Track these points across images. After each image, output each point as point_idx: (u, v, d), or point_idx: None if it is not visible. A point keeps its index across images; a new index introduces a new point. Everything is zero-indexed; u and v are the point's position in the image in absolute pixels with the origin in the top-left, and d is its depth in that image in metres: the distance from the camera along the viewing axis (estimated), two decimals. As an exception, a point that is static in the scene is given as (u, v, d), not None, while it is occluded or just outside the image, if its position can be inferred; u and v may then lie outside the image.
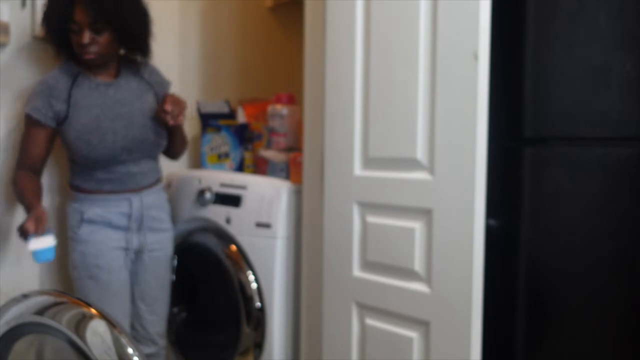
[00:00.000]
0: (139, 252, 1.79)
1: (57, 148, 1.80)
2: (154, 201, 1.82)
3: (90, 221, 1.72)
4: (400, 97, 1.32)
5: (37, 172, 1.70)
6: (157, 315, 1.86)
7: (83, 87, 1.69)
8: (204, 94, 2.36)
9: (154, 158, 1.84)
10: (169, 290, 1.91)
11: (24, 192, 1.62)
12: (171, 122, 1.68)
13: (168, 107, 1.65)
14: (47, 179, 1.92)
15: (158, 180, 1.86)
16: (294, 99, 2.00)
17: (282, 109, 1.96)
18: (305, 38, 1.67)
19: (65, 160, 1.83)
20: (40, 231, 1.49)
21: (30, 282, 1.92)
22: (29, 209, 1.57)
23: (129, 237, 1.75)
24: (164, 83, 1.88)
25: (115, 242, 1.73)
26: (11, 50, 1.81)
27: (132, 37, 1.70)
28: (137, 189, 1.77)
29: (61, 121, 1.67)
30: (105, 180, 1.72)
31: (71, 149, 1.70)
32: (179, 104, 1.69)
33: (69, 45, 1.66)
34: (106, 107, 1.70)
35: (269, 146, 2.01)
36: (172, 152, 1.91)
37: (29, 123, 1.67)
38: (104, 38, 1.63)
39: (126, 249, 1.75)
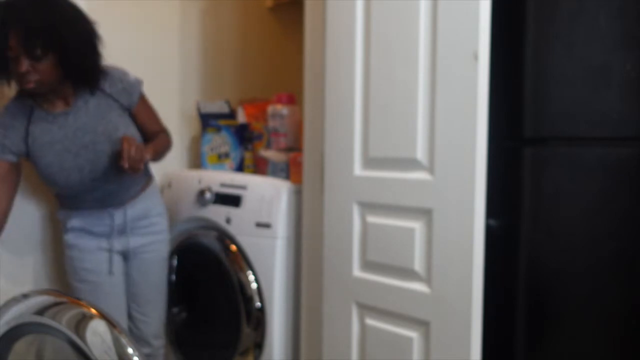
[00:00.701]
0: (126, 254, 1.78)
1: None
2: (140, 210, 1.77)
3: (73, 230, 1.72)
4: (400, 97, 1.32)
5: None
6: (149, 317, 1.85)
7: (40, 122, 1.59)
8: (204, 94, 2.36)
9: (127, 178, 1.71)
10: (164, 292, 1.89)
11: None
12: (130, 172, 1.55)
13: (125, 164, 1.50)
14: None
15: (145, 186, 1.80)
16: (294, 99, 2.00)
17: (282, 109, 1.96)
18: (305, 38, 1.67)
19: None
20: None
21: (26, 283, 1.92)
22: None
23: (111, 241, 1.74)
24: (131, 87, 1.70)
25: (99, 244, 1.73)
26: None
27: (76, 62, 1.52)
28: (120, 204, 1.73)
29: (26, 156, 1.61)
30: (84, 201, 1.70)
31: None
32: (136, 158, 1.53)
33: (6, 77, 1.51)
34: (68, 140, 1.59)
35: (269, 146, 2.01)
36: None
37: None
38: (44, 65, 1.46)
39: (109, 250, 1.74)
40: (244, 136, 2.10)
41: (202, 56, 2.38)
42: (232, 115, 2.20)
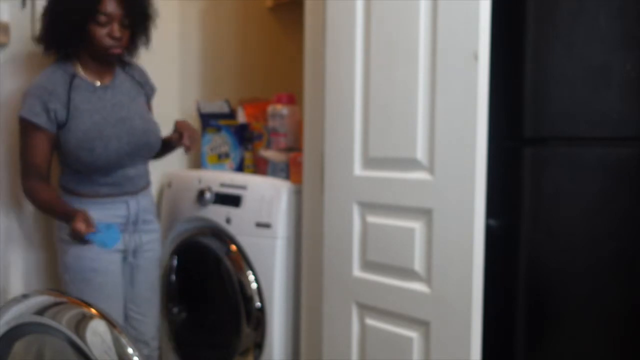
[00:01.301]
0: (134, 253, 1.77)
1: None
2: (147, 203, 1.81)
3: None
4: (400, 97, 1.32)
5: (46, 179, 1.65)
6: (148, 317, 1.84)
7: (80, 90, 1.65)
8: (204, 94, 2.36)
9: (149, 160, 1.83)
10: (159, 292, 1.90)
11: (51, 203, 1.61)
12: (187, 151, 1.77)
13: (187, 141, 1.72)
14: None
15: (149, 182, 1.86)
16: (294, 99, 2.00)
17: (282, 109, 1.96)
18: (305, 38, 1.67)
19: (56, 161, 1.77)
20: (92, 229, 1.50)
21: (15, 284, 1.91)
22: (67, 215, 1.55)
23: (126, 238, 1.73)
24: (152, 83, 1.87)
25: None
26: (11, 50, 1.81)
27: (143, 37, 1.73)
28: (134, 192, 1.75)
29: (60, 126, 1.61)
30: (103, 184, 1.69)
31: (71, 156, 1.64)
32: (196, 137, 1.78)
33: (76, 41, 1.62)
34: (106, 111, 1.66)
35: (269, 146, 2.01)
36: (161, 156, 1.91)
37: (29, 129, 1.60)
38: (127, 34, 1.65)
39: (124, 251, 1.74)
40: (244, 136, 2.10)
41: (202, 56, 2.38)
42: (232, 115, 2.20)
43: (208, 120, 2.16)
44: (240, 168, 2.10)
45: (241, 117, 2.16)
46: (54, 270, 1.83)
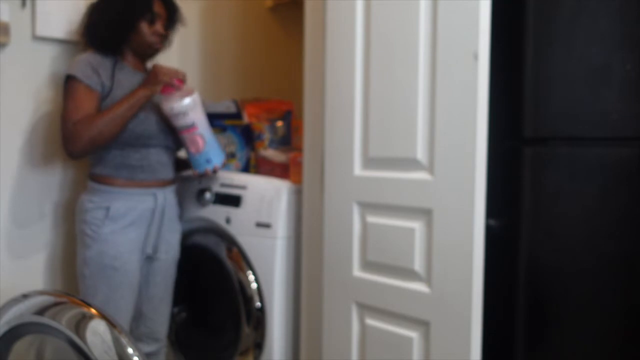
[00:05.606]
0: (154, 253, 1.79)
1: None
2: (172, 199, 1.85)
3: (114, 219, 1.69)
4: (400, 97, 1.32)
5: None
6: (161, 315, 1.86)
7: (123, 71, 1.76)
8: (204, 94, 2.34)
9: (174, 154, 1.89)
10: (172, 292, 1.92)
11: (111, 110, 1.64)
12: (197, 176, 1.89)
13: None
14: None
15: (175, 179, 1.90)
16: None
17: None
18: (305, 38, 1.67)
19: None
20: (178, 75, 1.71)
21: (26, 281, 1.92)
22: (139, 92, 1.67)
23: (149, 236, 1.76)
24: None
25: (135, 244, 1.72)
26: (11, 50, 1.81)
27: (170, 37, 1.91)
28: (164, 182, 1.80)
29: (105, 96, 1.69)
30: (138, 168, 1.73)
31: None
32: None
33: (125, 36, 1.75)
34: None
35: (270, 146, 2.01)
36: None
37: (77, 87, 1.65)
38: (165, 33, 1.84)
39: (143, 250, 1.75)
40: (250, 136, 2.09)
41: (202, 56, 2.38)
42: (239, 115, 2.18)
43: (213, 120, 2.14)
44: (246, 168, 2.09)
45: (244, 117, 2.15)
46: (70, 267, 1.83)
